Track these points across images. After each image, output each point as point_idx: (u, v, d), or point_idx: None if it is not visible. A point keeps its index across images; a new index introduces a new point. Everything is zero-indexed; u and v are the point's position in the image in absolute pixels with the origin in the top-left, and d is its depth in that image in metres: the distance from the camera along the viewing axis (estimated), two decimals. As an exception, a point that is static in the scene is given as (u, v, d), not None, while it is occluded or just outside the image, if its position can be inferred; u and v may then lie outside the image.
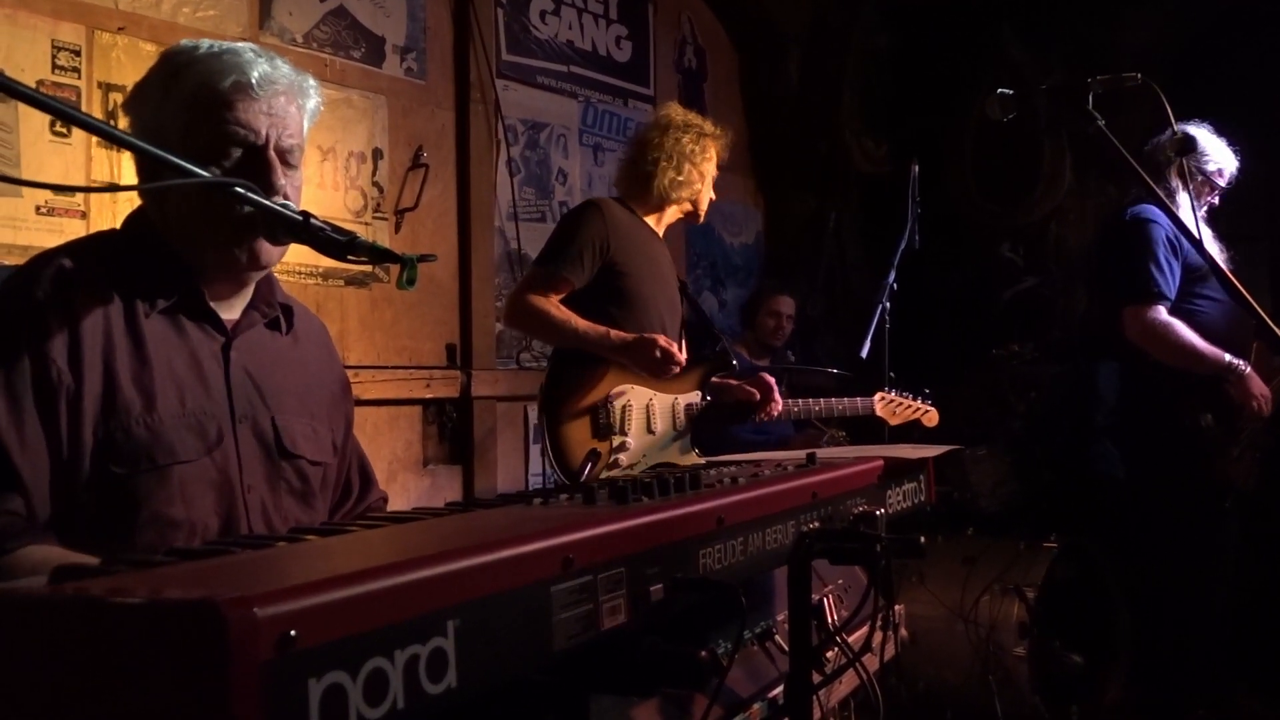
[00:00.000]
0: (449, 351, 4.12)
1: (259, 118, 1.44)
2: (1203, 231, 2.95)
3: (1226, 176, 3.56)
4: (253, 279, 1.54)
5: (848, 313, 5.63)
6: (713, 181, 3.31)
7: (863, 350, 3.70)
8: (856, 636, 1.40)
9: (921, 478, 1.73)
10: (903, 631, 1.94)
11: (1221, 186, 3.56)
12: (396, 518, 1.07)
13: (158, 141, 1.35)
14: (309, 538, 0.93)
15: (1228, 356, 3.34)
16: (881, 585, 1.28)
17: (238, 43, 1.51)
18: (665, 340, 2.99)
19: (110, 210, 3.06)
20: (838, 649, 1.40)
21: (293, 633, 0.61)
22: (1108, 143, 2.32)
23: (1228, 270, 2.45)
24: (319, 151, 3.65)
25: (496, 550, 0.79)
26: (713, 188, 3.33)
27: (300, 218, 1.34)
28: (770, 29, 5.74)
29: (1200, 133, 3.46)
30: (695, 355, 3.23)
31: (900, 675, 3.37)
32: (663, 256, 3.28)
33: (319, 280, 3.63)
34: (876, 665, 1.59)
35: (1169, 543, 3.52)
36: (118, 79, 3.09)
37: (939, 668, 3.42)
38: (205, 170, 1.31)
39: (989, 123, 2.65)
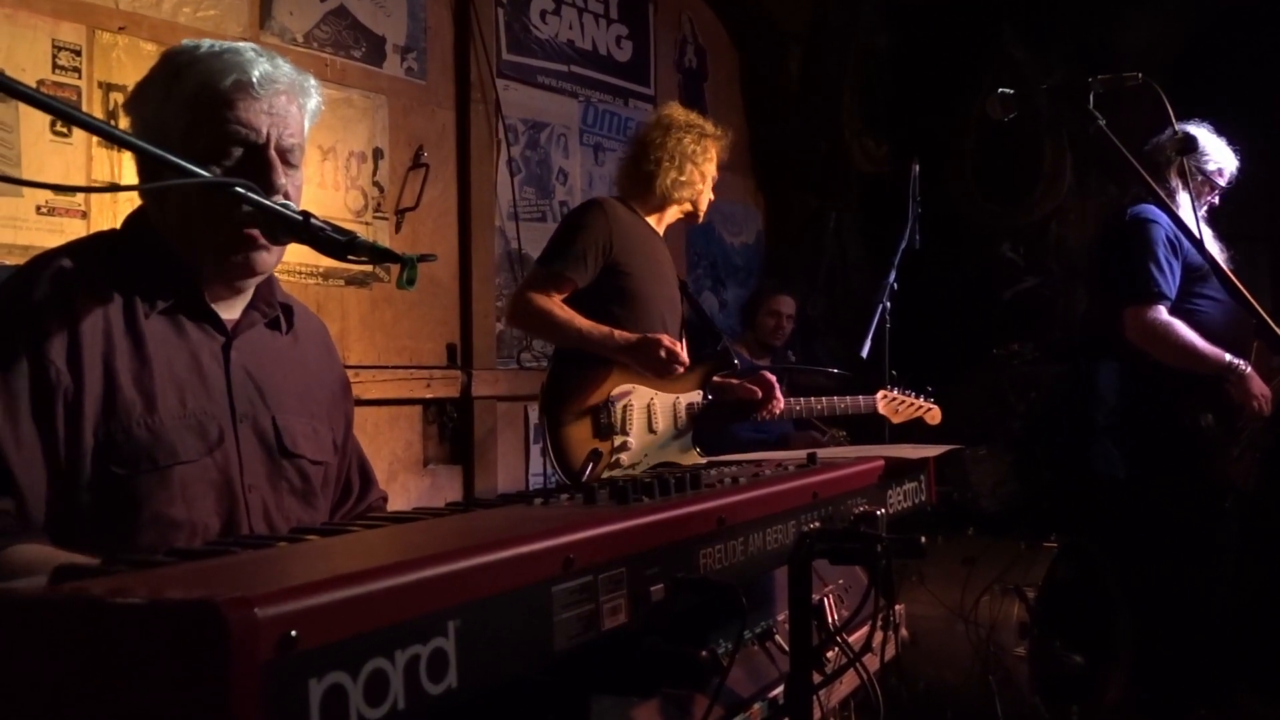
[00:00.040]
0: (449, 351, 4.12)
1: (260, 117, 1.44)
2: (1203, 231, 2.94)
3: (1227, 176, 3.56)
4: (251, 283, 1.54)
5: (848, 312, 5.63)
6: (713, 182, 3.32)
7: (863, 350, 3.70)
8: (857, 636, 1.40)
9: (922, 478, 1.73)
10: (903, 631, 1.94)
11: (1221, 186, 3.56)
12: (397, 518, 1.07)
13: (159, 141, 1.34)
14: (310, 538, 0.93)
15: (1228, 356, 3.34)
16: (882, 585, 1.28)
17: (239, 42, 1.51)
18: (669, 340, 2.98)
19: (111, 210, 3.06)
20: (838, 649, 1.40)
21: (293, 633, 0.61)
22: (1108, 142, 2.32)
23: (1228, 270, 2.45)
24: (319, 151, 3.65)
25: (497, 550, 0.79)
26: (712, 188, 3.33)
27: (300, 217, 1.33)
28: (771, 29, 5.73)
29: (1200, 132, 3.46)
30: (696, 354, 3.23)
31: (900, 675, 3.37)
32: (664, 256, 3.28)
33: (319, 280, 3.63)
34: (877, 665, 1.59)
35: (1169, 543, 3.52)
36: (118, 79, 3.09)
37: (939, 668, 3.42)
38: (206, 170, 1.31)
39: (989, 122, 2.66)
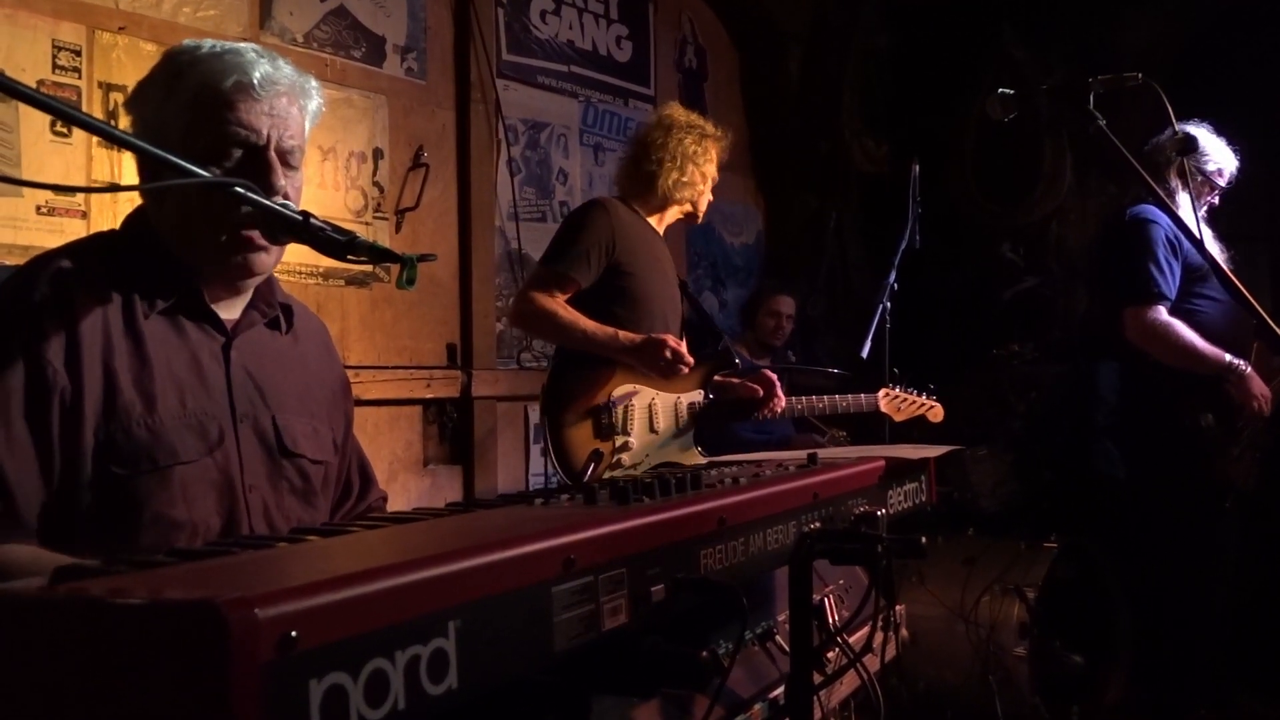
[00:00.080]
0: (449, 351, 4.12)
1: (260, 118, 1.43)
2: (1203, 231, 2.94)
3: (1226, 176, 3.56)
4: (251, 284, 1.54)
5: (848, 313, 5.63)
6: (713, 183, 3.31)
7: (863, 350, 3.70)
8: (857, 637, 1.40)
9: (922, 478, 1.72)
10: (903, 632, 1.94)
11: (1221, 186, 3.55)
12: (397, 518, 1.07)
13: (159, 141, 1.34)
14: (310, 538, 0.92)
15: (1228, 356, 3.34)
16: (882, 586, 1.28)
17: (241, 43, 1.51)
18: (674, 341, 2.98)
19: (111, 210, 3.06)
20: (838, 649, 1.40)
21: (294, 633, 0.61)
22: (1108, 142, 2.32)
23: (1228, 270, 2.45)
24: (319, 151, 3.65)
25: (497, 551, 0.79)
26: (712, 189, 3.33)
27: (300, 217, 1.33)
28: (771, 29, 5.74)
29: (1200, 133, 3.46)
30: (697, 354, 3.23)
31: (901, 676, 3.37)
32: (665, 256, 3.28)
33: (319, 280, 3.63)
34: (877, 666, 1.59)
35: (1169, 543, 3.52)
36: (118, 79, 3.09)
37: (939, 668, 3.42)
38: (206, 170, 1.31)
39: (989, 122, 2.66)
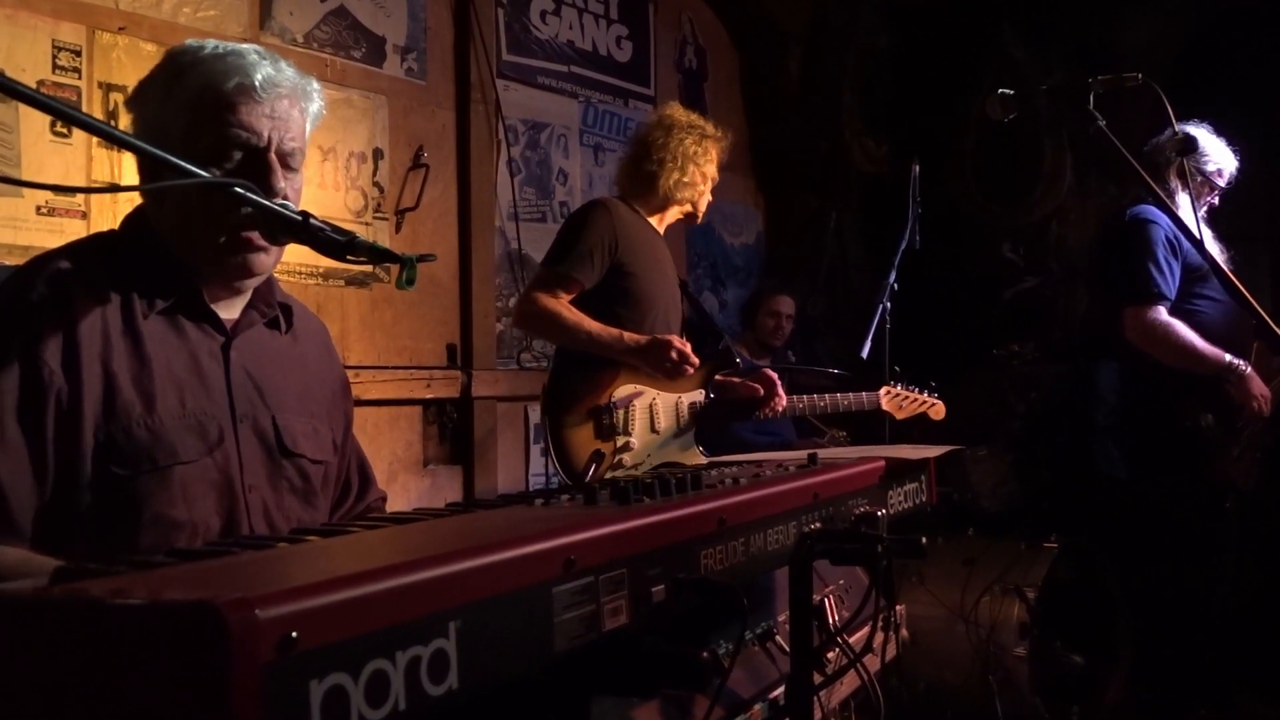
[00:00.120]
0: (449, 351, 4.12)
1: (261, 120, 1.43)
2: (1203, 231, 2.94)
3: (1226, 177, 3.55)
4: (250, 284, 1.54)
5: (848, 313, 5.63)
6: (713, 183, 3.31)
7: (863, 350, 3.70)
8: (857, 637, 1.40)
9: (923, 478, 1.72)
10: (903, 632, 1.94)
11: (1221, 187, 3.55)
12: (397, 518, 1.07)
13: (160, 141, 1.34)
14: (310, 539, 0.93)
15: (1228, 356, 3.34)
16: (882, 586, 1.28)
17: (243, 44, 1.51)
18: (679, 341, 2.97)
19: (111, 210, 3.06)
20: (839, 650, 1.40)
21: (294, 634, 0.61)
22: (1108, 143, 2.32)
23: (1228, 270, 2.45)
24: (319, 151, 3.65)
25: (498, 551, 0.79)
26: (711, 189, 3.33)
27: (299, 218, 1.33)
28: (771, 28, 5.73)
29: (1200, 133, 3.46)
30: (698, 353, 3.22)
31: (901, 676, 3.37)
32: (665, 256, 3.28)
33: (319, 280, 3.63)
34: (877, 666, 1.59)
35: (1169, 543, 3.52)
36: (118, 79, 3.09)
37: (939, 668, 3.42)
38: (206, 171, 1.31)
39: (989, 122, 2.65)
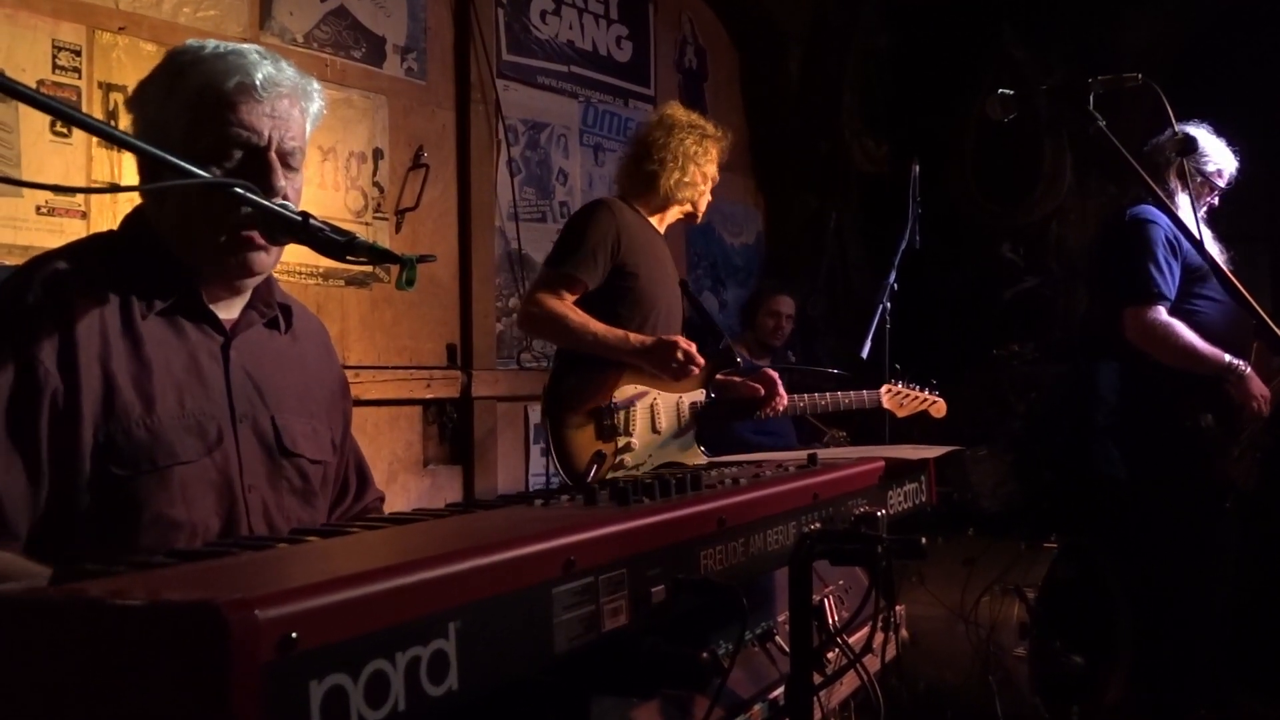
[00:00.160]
0: (449, 351, 4.12)
1: (262, 119, 1.43)
2: (1202, 232, 2.94)
3: (1226, 177, 3.55)
4: (250, 284, 1.54)
5: (848, 313, 5.63)
6: (713, 183, 3.31)
7: (863, 351, 3.70)
8: (857, 637, 1.40)
9: (922, 478, 1.72)
10: (903, 632, 1.94)
11: (1221, 187, 3.55)
12: (397, 519, 1.07)
13: (160, 141, 1.34)
14: (310, 539, 0.92)
15: (1227, 357, 3.34)
16: (882, 586, 1.28)
17: (243, 44, 1.51)
18: (685, 342, 2.95)
19: (111, 210, 3.06)
20: (838, 650, 1.40)
21: (294, 634, 0.61)
22: (1108, 143, 2.32)
23: (1228, 270, 2.45)
24: (319, 151, 3.65)
25: (498, 552, 0.79)
26: (712, 189, 3.33)
27: (299, 218, 1.33)
28: (771, 28, 5.74)
29: (1200, 133, 3.45)
30: (700, 353, 3.21)
31: (901, 676, 3.37)
32: (666, 256, 3.27)
33: (319, 280, 3.63)
34: (877, 666, 1.59)
35: (1169, 543, 3.52)
36: (118, 79, 3.09)
37: (939, 668, 3.42)
38: (206, 171, 1.31)
39: (989, 122, 2.65)
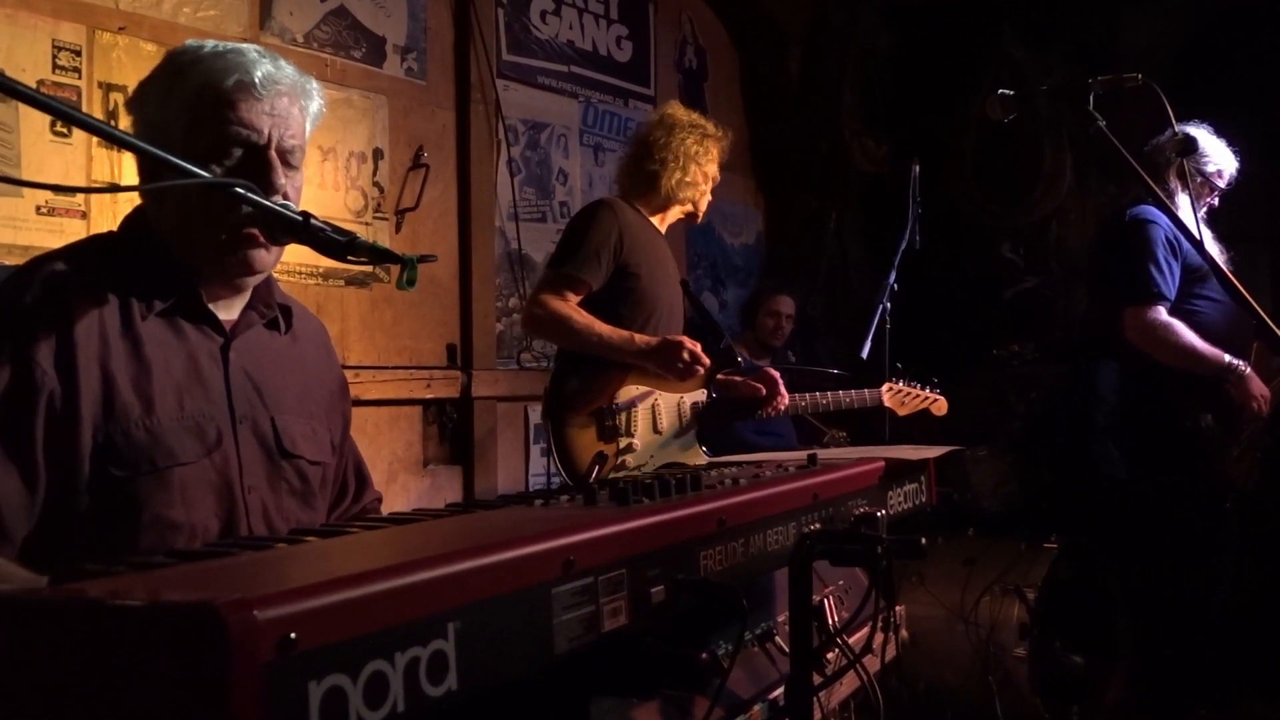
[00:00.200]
0: (449, 352, 4.12)
1: (261, 118, 1.43)
2: (1203, 232, 2.94)
3: (1226, 178, 3.55)
4: (250, 284, 1.54)
5: (848, 313, 5.63)
6: (714, 183, 3.31)
7: (863, 351, 3.70)
8: (857, 638, 1.40)
9: (922, 478, 1.72)
10: (903, 632, 1.94)
11: (1221, 188, 3.55)
12: (397, 519, 1.07)
13: (160, 141, 1.34)
14: (309, 539, 0.92)
15: (1227, 357, 3.34)
16: (882, 586, 1.28)
17: (243, 43, 1.51)
18: (691, 342, 2.94)
19: (111, 211, 3.06)
20: (838, 650, 1.40)
21: (293, 635, 0.61)
22: (1108, 143, 2.32)
23: (1228, 270, 2.45)
24: (319, 151, 3.65)
25: (497, 552, 0.79)
26: (712, 188, 3.32)
27: (300, 218, 1.33)
28: (771, 28, 5.73)
29: (1200, 134, 3.45)
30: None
31: (900, 676, 3.37)
32: (667, 256, 3.27)
33: (319, 280, 3.63)
34: (877, 666, 1.59)
35: (1170, 543, 3.52)
36: (118, 79, 3.09)
37: (939, 668, 3.42)
38: (206, 170, 1.31)
39: (989, 122, 2.65)
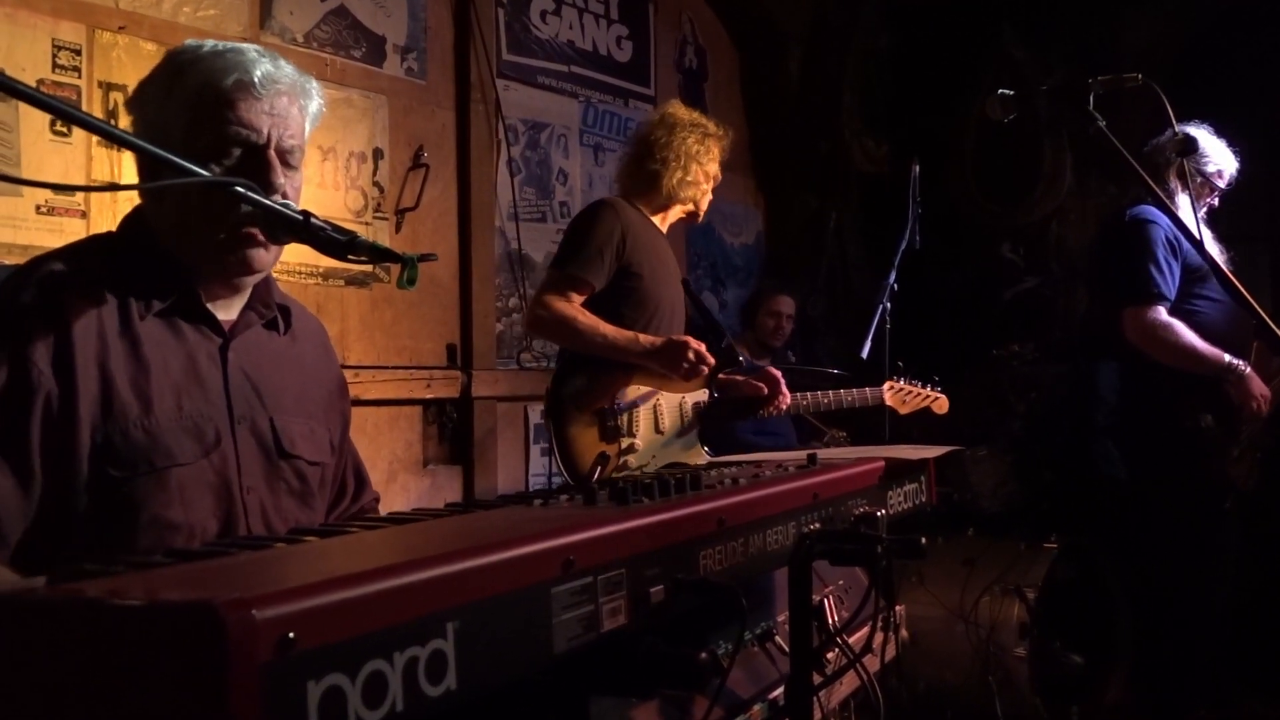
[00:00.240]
0: (449, 351, 4.12)
1: (261, 117, 1.43)
2: (1203, 232, 2.94)
3: (1226, 178, 3.55)
4: (249, 283, 1.54)
5: (848, 313, 5.63)
6: (715, 182, 3.30)
7: (863, 351, 3.70)
8: (857, 638, 1.40)
9: (922, 478, 1.72)
10: (903, 632, 1.94)
11: (1221, 188, 3.55)
12: (396, 519, 1.07)
13: (160, 140, 1.34)
14: (308, 539, 0.92)
15: (1227, 357, 3.34)
16: (882, 586, 1.28)
17: (243, 43, 1.51)
18: (696, 343, 2.93)
19: (111, 210, 3.06)
20: (838, 650, 1.40)
21: (291, 635, 0.61)
22: (1108, 143, 2.32)
23: (1228, 271, 2.45)
24: (319, 151, 3.65)
25: (496, 552, 0.79)
26: (713, 188, 3.32)
27: (300, 217, 1.33)
28: (771, 28, 5.73)
29: (1200, 134, 3.45)
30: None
31: (900, 676, 3.36)
32: (669, 255, 3.26)
33: (319, 280, 3.63)
34: (877, 666, 1.59)
35: (1169, 543, 3.52)
36: (118, 78, 3.09)
37: (939, 668, 3.41)
38: (206, 169, 1.31)
39: (989, 122, 2.65)
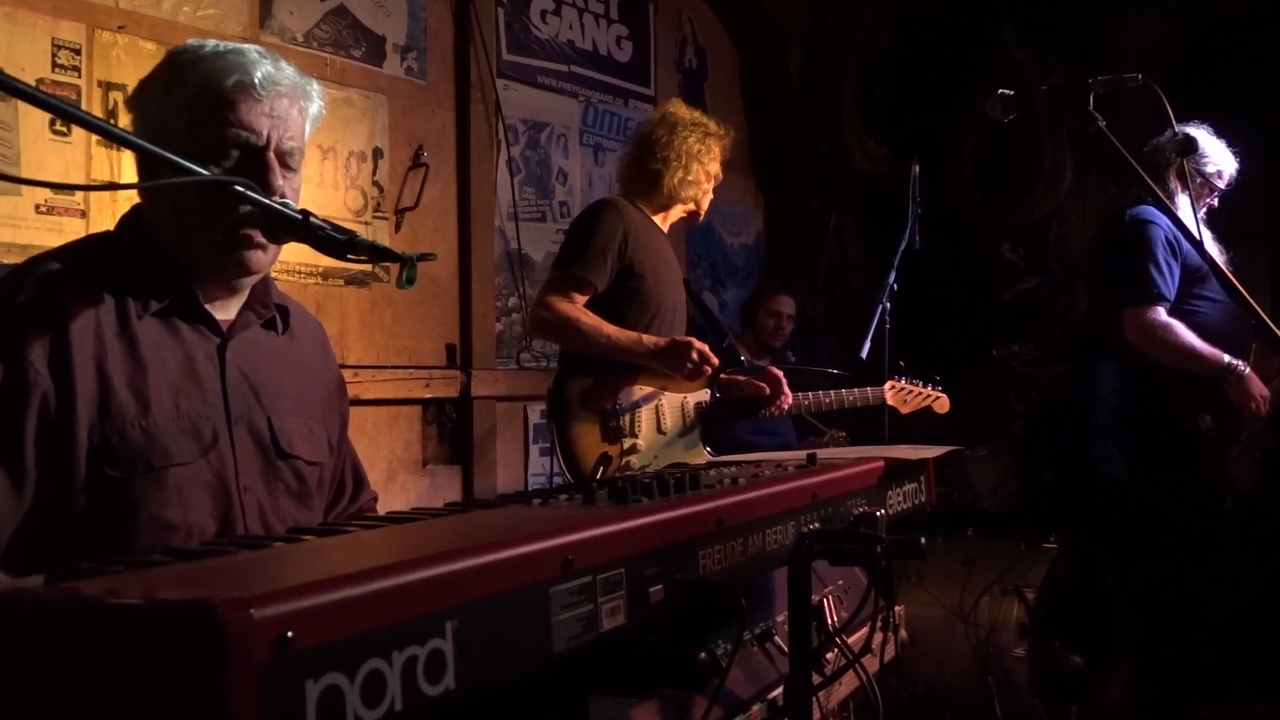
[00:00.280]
0: (449, 351, 4.12)
1: (260, 119, 1.43)
2: (1203, 232, 2.94)
3: (1226, 178, 3.55)
4: (247, 284, 1.54)
5: (848, 313, 5.63)
6: (716, 181, 3.30)
7: (863, 351, 3.70)
8: (856, 638, 1.40)
9: (922, 478, 1.72)
10: (902, 632, 1.94)
11: (1221, 188, 3.55)
12: (395, 518, 1.07)
13: (160, 140, 1.34)
14: (306, 538, 0.92)
15: (1227, 357, 3.34)
16: (881, 586, 1.28)
17: (243, 44, 1.50)
18: (699, 343, 2.93)
19: (110, 209, 3.06)
20: (837, 650, 1.40)
21: (290, 634, 0.61)
22: (1108, 143, 2.32)
23: (1228, 271, 2.45)
24: (319, 151, 3.64)
25: (495, 551, 0.79)
26: (714, 187, 3.32)
27: (300, 216, 1.33)
28: (771, 28, 5.73)
29: (1200, 134, 3.45)
30: None
31: (900, 676, 3.36)
32: (670, 255, 3.26)
33: (319, 280, 3.63)
34: (876, 666, 1.59)
35: (1169, 543, 3.52)
36: (118, 78, 3.09)
37: (938, 669, 3.41)
38: (205, 169, 1.31)
39: (989, 122, 2.65)
